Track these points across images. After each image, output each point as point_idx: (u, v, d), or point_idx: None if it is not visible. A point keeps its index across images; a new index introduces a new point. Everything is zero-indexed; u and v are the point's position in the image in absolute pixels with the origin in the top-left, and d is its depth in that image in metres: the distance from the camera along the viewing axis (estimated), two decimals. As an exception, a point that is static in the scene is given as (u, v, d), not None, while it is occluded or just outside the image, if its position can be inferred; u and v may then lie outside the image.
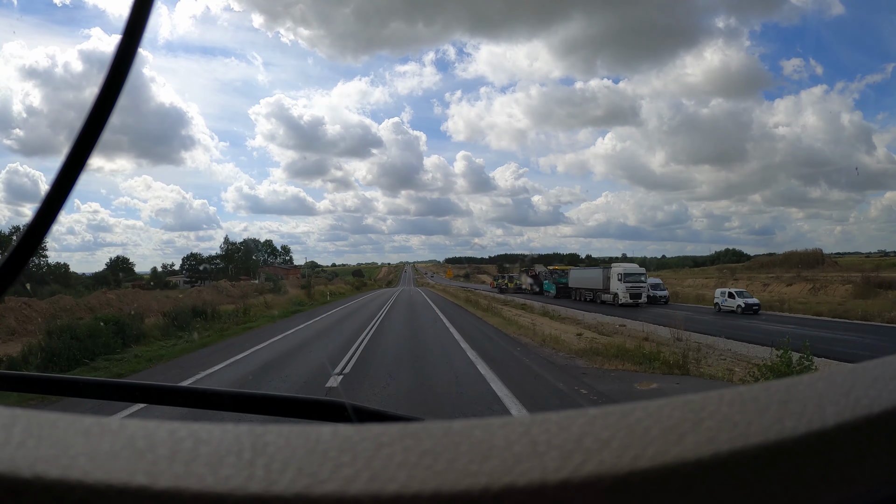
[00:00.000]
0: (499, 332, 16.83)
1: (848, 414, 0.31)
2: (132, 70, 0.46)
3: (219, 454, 0.29)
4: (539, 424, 0.31)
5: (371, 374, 9.20)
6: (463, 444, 0.29)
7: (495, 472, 0.27)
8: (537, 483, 0.26)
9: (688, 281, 53.98)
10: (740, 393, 0.33)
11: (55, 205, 0.46)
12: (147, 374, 10.65)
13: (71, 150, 0.45)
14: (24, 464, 0.28)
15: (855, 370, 0.36)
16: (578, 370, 9.71)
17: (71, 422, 0.33)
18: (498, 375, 8.83)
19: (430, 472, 0.27)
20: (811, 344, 8.45)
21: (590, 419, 0.31)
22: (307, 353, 12.37)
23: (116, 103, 0.46)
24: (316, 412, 0.70)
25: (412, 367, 10.07)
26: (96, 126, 0.46)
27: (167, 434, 0.31)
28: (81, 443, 0.30)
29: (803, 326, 20.56)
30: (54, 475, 0.27)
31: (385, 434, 0.30)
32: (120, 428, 0.32)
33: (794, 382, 0.35)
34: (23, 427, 0.32)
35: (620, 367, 10.03)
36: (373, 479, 0.27)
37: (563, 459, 0.28)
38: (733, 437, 0.29)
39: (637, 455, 0.28)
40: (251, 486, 0.26)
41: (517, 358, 11.16)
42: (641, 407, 0.32)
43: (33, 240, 0.47)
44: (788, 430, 0.29)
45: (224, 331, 18.13)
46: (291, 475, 0.27)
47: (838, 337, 17.47)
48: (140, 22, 0.46)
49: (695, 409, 0.31)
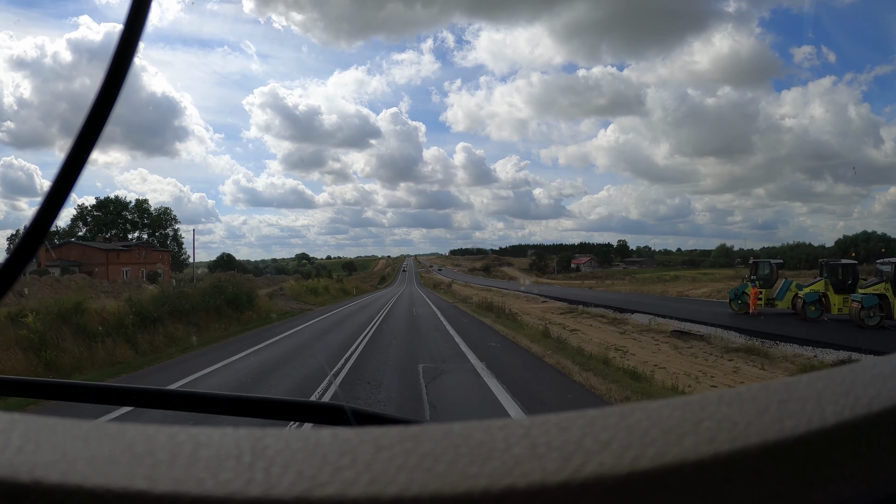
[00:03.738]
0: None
1: (847, 413, 0.31)
2: (132, 63, 0.46)
3: (218, 458, 0.29)
4: (539, 426, 0.31)
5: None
6: (462, 446, 0.29)
7: (495, 474, 0.27)
8: (537, 485, 0.26)
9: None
10: (739, 393, 0.33)
11: (57, 202, 0.45)
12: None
13: (73, 146, 0.45)
14: (23, 468, 0.28)
15: (854, 369, 0.36)
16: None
17: (70, 426, 0.33)
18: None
19: (429, 475, 0.27)
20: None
21: (589, 421, 0.31)
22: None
23: (118, 98, 0.45)
24: (315, 415, 0.71)
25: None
26: (98, 121, 0.45)
27: (166, 438, 0.31)
28: (80, 447, 0.30)
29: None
30: (53, 480, 0.27)
31: (384, 437, 0.30)
32: (119, 432, 0.32)
33: (793, 382, 0.35)
34: (21, 431, 0.32)
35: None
36: (372, 481, 0.27)
37: (563, 461, 0.27)
38: (733, 437, 0.29)
39: (637, 456, 0.28)
40: (251, 489, 0.26)
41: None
42: (641, 408, 0.32)
43: (36, 237, 0.46)
44: (788, 430, 0.29)
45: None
46: (291, 478, 0.27)
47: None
48: (141, 13, 0.45)
49: (694, 410, 0.31)
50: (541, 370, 9.00)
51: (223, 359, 10.27)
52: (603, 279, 74.83)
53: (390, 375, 8.39)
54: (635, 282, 55.82)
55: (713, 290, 34.21)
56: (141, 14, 0.45)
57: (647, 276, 73.89)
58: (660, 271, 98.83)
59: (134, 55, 0.45)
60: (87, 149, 0.45)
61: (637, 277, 71.97)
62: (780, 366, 11.24)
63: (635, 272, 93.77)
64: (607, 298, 30.02)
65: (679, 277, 62.38)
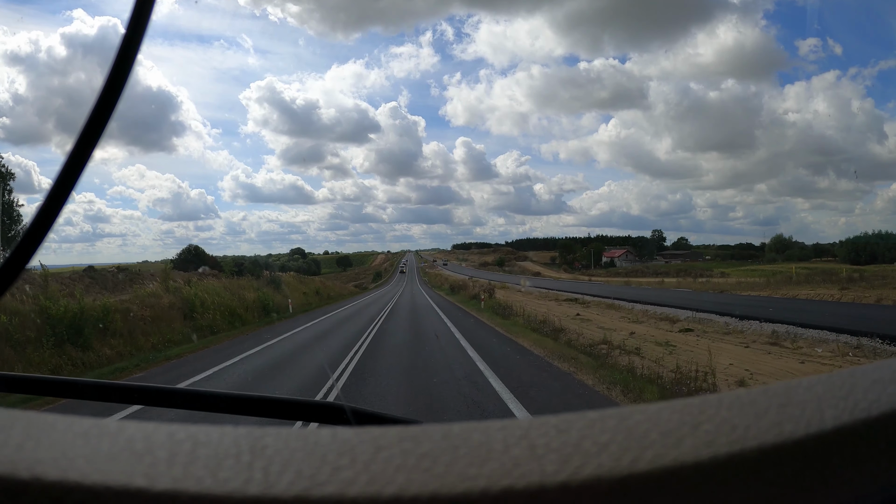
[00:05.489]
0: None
1: (846, 417, 0.30)
2: (136, 60, 0.45)
3: (217, 456, 0.29)
4: (537, 427, 0.31)
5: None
6: (461, 446, 0.29)
7: (494, 474, 0.27)
8: (536, 486, 0.26)
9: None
10: (738, 396, 0.33)
11: (59, 199, 0.44)
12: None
13: (75, 143, 0.44)
14: (22, 465, 0.28)
15: (853, 373, 0.36)
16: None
17: (69, 423, 0.33)
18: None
19: (428, 475, 0.27)
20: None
21: (588, 422, 0.31)
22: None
23: (122, 95, 0.44)
24: (315, 415, 0.71)
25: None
26: (101, 118, 0.44)
27: (166, 436, 0.31)
28: (80, 444, 0.30)
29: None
30: (53, 477, 0.27)
31: (384, 437, 0.30)
32: (118, 430, 0.32)
33: (792, 385, 0.34)
34: (21, 428, 0.32)
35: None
36: (371, 481, 0.27)
37: (561, 462, 0.27)
38: (731, 440, 0.29)
39: (636, 458, 0.28)
40: (250, 488, 0.26)
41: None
42: (640, 410, 0.32)
43: (37, 236, 0.45)
44: (787, 433, 0.29)
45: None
46: (290, 477, 0.27)
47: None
48: (145, 10, 0.45)
49: (693, 413, 0.31)
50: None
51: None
52: (663, 276, 56.10)
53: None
54: (742, 284, 36.73)
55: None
56: (145, 11, 0.44)
57: (737, 271, 54.96)
58: (721, 265, 79.87)
59: (138, 52, 0.45)
60: (90, 146, 0.44)
61: (723, 273, 52.93)
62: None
63: (682, 267, 74.44)
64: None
65: (772, 273, 43.90)
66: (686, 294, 28.79)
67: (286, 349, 11.78)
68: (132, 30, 0.44)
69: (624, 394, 6.82)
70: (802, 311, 16.70)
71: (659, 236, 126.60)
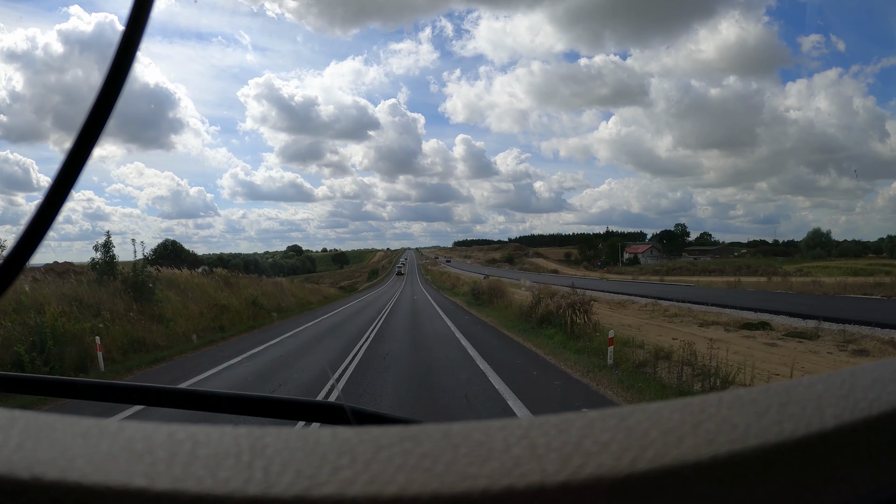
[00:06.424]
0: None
1: (847, 416, 0.30)
2: (135, 58, 0.45)
3: (217, 456, 0.29)
4: (538, 427, 0.30)
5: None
6: (462, 446, 0.29)
7: (494, 474, 0.27)
8: (536, 485, 0.26)
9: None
10: (739, 395, 0.33)
11: (59, 198, 0.44)
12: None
13: (75, 141, 0.44)
14: (22, 465, 0.28)
15: (854, 372, 0.36)
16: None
17: (69, 423, 0.33)
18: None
19: (428, 475, 0.27)
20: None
21: (589, 422, 0.31)
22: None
23: (121, 93, 0.44)
24: (315, 414, 0.70)
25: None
26: (100, 116, 0.44)
27: (166, 436, 0.31)
28: (80, 444, 0.30)
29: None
30: (52, 477, 0.27)
31: (384, 436, 0.30)
32: (118, 430, 0.32)
33: (793, 384, 0.34)
34: (21, 428, 0.32)
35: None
36: (371, 481, 0.26)
37: (562, 462, 0.27)
38: (732, 439, 0.29)
39: (636, 457, 0.27)
40: (250, 488, 0.26)
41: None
42: (640, 409, 0.32)
43: (37, 235, 0.45)
44: (787, 433, 0.29)
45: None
46: (290, 477, 0.27)
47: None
48: (145, 8, 0.44)
49: (693, 412, 0.31)
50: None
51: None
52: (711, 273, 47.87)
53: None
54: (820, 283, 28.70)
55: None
56: (145, 9, 0.44)
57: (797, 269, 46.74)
58: (761, 261, 71.35)
59: (137, 50, 0.44)
60: (90, 144, 0.44)
61: (785, 271, 44.63)
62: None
63: (726, 264, 66.21)
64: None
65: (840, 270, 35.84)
66: (799, 298, 21.82)
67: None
68: (131, 27, 0.43)
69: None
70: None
71: (683, 230, 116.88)
